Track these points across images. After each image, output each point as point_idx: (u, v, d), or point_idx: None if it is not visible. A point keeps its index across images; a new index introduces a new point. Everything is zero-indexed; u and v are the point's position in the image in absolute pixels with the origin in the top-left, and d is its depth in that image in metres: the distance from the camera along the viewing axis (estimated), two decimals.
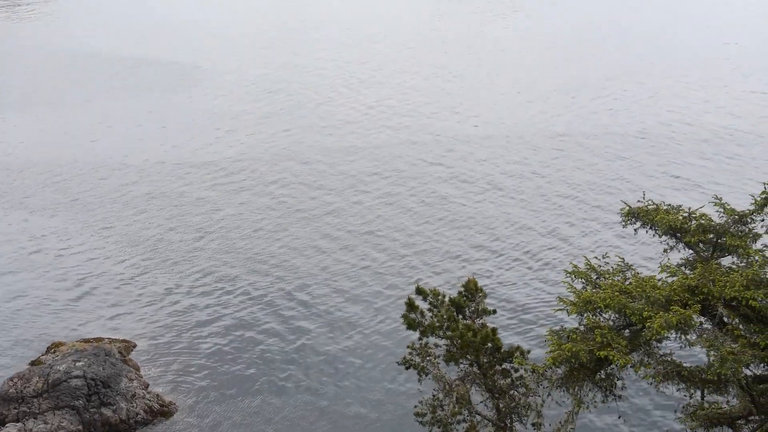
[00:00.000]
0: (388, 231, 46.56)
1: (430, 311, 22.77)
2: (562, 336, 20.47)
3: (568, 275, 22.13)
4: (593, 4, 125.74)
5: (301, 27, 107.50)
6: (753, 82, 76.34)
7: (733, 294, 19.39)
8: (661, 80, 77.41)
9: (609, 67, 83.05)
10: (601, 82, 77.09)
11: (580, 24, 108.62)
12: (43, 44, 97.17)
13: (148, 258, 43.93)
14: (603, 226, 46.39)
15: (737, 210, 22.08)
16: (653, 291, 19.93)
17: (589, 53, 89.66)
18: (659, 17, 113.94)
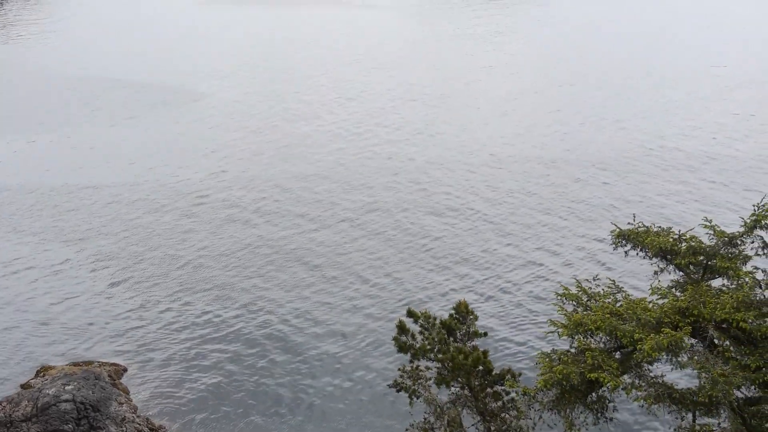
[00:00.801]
0: (374, 254, 46.49)
1: (421, 334, 22.75)
2: (554, 358, 20.48)
3: (559, 297, 22.17)
4: (578, 28, 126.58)
5: (284, 52, 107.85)
6: (740, 104, 76.82)
7: (723, 316, 19.44)
8: (649, 103, 77.82)
9: (595, 90, 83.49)
10: (588, 105, 77.46)
11: (565, 47, 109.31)
12: (27, 67, 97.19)
13: (136, 282, 43.78)
14: (593, 249, 46.43)
15: (727, 232, 22.17)
16: (644, 313, 19.97)
17: (575, 77, 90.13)
18: (646, 40, 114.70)
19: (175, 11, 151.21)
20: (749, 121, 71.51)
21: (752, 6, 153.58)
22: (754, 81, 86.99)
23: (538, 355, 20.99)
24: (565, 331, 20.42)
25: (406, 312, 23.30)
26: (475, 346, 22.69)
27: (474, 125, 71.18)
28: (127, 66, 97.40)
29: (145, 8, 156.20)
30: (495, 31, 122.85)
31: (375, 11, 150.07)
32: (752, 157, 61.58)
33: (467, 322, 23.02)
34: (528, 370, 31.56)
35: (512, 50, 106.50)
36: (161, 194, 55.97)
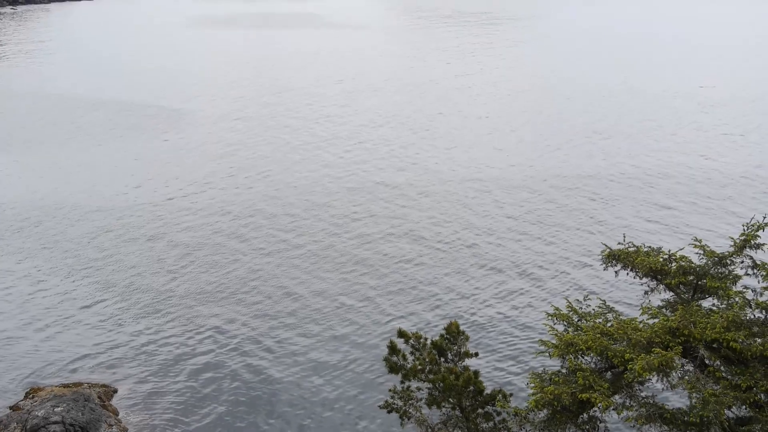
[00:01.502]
0: (359, 276, 46.44)
1: (412, 354, 22.70)
2: (545, 379, 20.46)
3: (550, 318, 22.18)
4: (564, 48, 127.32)
5: (267, 73, 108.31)
6: (729, 123, 77.27)
7: (714, 336, 19.45)
8: (637, 123, 78.24)
9: (582, 110, 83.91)
10: (575, 125, 77.84)
11: (551, 67, 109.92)
12: (9, 87, 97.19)
13: (125, 302, 43.62)
14: (584, 269, 46.49)
15: (717, 252, 22.23)
16: (635, 333, 19.98)
17: (561, 97, 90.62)
18: (633, 59, 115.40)
19: (159, 32, 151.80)
20: (739, 140, 71.93)
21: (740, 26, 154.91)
22: (742, 100, 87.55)
23: (530, 375, 20.96)
24: (556, 352, 20.41)
25: (396, 332, 23.26)
26: (466, 366, 22.65)
27: (458, 146, 71.39)
28: (111, 86, 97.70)
29: (128, 29, 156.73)
30: (480, 51, 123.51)
31: (359, 31, 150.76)
32: (742, 177, 61.87)
33: (458, 343, 22.98)
34: (519, 391, 31.51)
35: (497, 70, 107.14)
36: (146, 214, 55.91)
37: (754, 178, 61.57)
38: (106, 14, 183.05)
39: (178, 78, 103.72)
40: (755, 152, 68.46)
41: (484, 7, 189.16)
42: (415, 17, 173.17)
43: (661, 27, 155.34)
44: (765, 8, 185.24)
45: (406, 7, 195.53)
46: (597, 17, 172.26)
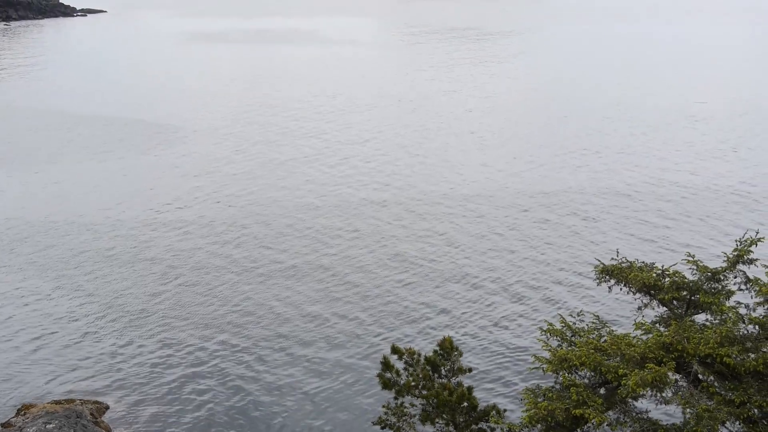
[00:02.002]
0: (353, 289, 46.37)
1: (405, 370, 22.68)
2: (538, 394, 20.45)
3: (544, 333, 22.19)
4: (558, 64, 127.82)
5: (263, 88, 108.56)
6: (722, 139, 77.54)
7: (707, 351, 19.48)
8: (630, 138, 78.50)
9: (575, 125, 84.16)
10: (568, 141, 78.05)
11: (545, 84, 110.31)
12: (10, 102, 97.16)
13: (116, 318, 43.47)
14: (577, 284, 46.50)
15: (710, 267, 22.28)
16: (628, 349, 19.99)
17: (555, 112, 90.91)
18: (626, 76, 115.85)
19: (152, 48, 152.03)
20: (731, 155, 72.17)
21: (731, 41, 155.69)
22: (734, 115, 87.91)
23: (523, 391, 20.96)
24: (550, 367, 20.41)
25: (390, 348, 23.24)
26: (460, 382, 22.64)
27: (446, 162, 71.49)
28: (102, 101, 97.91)
29: (121, 45, 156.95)
30: (471, 67, 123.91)
31: (350, 48, 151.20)
32: (734, 192, 62.04)
33: (452, 359, 22.97)
34: (513, 406, 31.44)
35: (487, 86, 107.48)
36: (135, 230, 55.83)
37: (747, 194, 61.74)
38: (100, 30, 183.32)
39: (169, 94, 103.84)
40: (747, 167, 68.70)
41: (475, 23, 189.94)
42: (406, 34, 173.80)
43: (651, 43, 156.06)
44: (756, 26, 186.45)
45: (396, 23, 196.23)
46: (588, 33, 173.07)
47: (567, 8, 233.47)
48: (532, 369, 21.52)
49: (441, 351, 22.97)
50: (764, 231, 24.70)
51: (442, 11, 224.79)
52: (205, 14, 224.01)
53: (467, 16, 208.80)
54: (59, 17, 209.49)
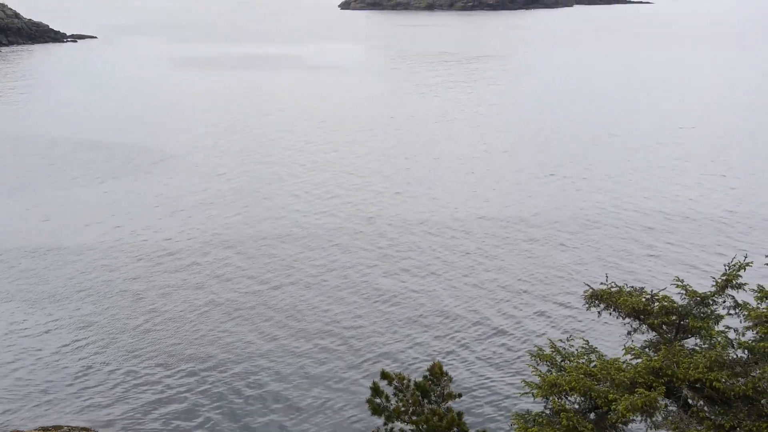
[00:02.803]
0: (341, 315, 46.27)
1: (395, 396, 22.59)
2: (528, 420, 20.38)
3: (533, 358, 22.14)
4: (544, 88, 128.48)
5: (250, 114, 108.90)
6: (710, 164, 77.92)
7: (697, 376, 19.46)
8: (617, 163, 78.80)
9: (562, 150, 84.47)
10: (555, 166, 78.30)
11: (531, 108, 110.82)
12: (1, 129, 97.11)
13: (103, 344, 43.24)
14: (567, 309, 46.50)
15: (699, 292, 22.32)
16: (618, 373, 19.96)
17: (541, 137, 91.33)
18: (613, 100, 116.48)
19: (142, 74, 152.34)
20: (719, 181, 72.49)
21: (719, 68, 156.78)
22: (723, 142, 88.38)
23: (513, 416, 20.89)
24: (540, 392, 20.35)
25: (379, 374, 23.16)
26: (450, 407, 22.55)
27: (438, 186, 71.57)
28: (92, 127, 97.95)
29: (111, 71, 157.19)
30: (461, 93, 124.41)
31: (340, 73, 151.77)
32: (722, 217, 62.27)
33: (441, 384, 22.89)
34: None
35: (476, 111, 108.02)
36: (123, 255, 55.64)
37: (734, 218, 61.99)
38: (89, 56, 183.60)
39: (157, 119, 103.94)
40: (735, 192, 68.99)
41: (466, 49, 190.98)
42: (397, 60, 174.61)
43: (636, 68, 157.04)
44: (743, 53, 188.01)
45: (387, 49, 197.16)
46: (573, 58, 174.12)
47: (552, 34, 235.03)
48: (521, 394, 21.45)
49: (431, 376, 22.89)
50: (752, 255, 24.78)
51: (430, 37, 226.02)
52: (195, 40, 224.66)
53: (453, 42, 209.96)
54: (49, 43, 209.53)
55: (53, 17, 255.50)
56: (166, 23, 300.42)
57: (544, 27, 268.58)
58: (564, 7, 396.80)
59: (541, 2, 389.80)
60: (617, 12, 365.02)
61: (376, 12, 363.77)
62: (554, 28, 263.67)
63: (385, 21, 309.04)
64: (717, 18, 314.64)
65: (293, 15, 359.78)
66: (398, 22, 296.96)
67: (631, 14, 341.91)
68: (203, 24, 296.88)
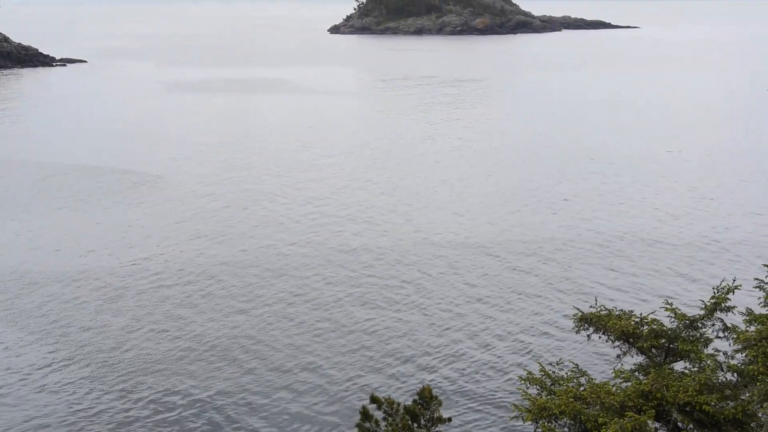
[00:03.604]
0: (323, 339, 46.17)
1: (384, 420, 22.53)
2: None
3: (523, 381, 22.13)
4: (530, 113, 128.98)
5: (248, 136, 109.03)
6: (697, 187, 78.21)
7: (686, 399, 19.49)
8: (605, 187, 79.01)
9: (549, 174, 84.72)
10: (543, 190, 78.48)
11: (518, 132, 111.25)
12: None
13: (86, 367, 43.00)
14: (556, 332, 46.51)
15: (688, 315, 22.39)
16: (608, 397, 19.97)
17: (528, 161, 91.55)
18: (601, 124, 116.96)
19: (132, 97, 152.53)
20: (707, 203, 72.76)
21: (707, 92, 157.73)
22: (711, 165, 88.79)
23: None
24: (529, 416, 20.33)
25: (369, 398, 23.11)
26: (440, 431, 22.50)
27: (418, 210, 71.52)
28: (81, 151, 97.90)
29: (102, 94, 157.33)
30: (447, 115, 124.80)
31: (329, 97, 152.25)
32: (710, 241, 62.48)
33: (431, 408, 22.86)
34: None
35: (464, 134, 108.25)
36: (109, 278, 55.41)
37: (723, 242, 62.20)
38: (79, 80, 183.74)
39: (146, 143, 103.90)
40: (723, 215, 69.27)
41: (453, 73, 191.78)
42: (384, 83, 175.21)
43: (622, 92, 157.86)
44: (731, 78, 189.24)
45: (375, 72, 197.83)
46: (560, 82, 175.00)
47: (539, 58, 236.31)
48: (511, 418, 21.41)
49: (420, 400, 22.86)
50: (740, 278, 24.86)
51: (418, 60, 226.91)
52: (184, 64, 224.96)
53: (441, 66, 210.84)
54: (38, 67, 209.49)
55: (43, 41, 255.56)
56: (156, 47, 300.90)
57: (531, 51, 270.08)
58: (552, 32, 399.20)
59: (529, 27, 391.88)
60: (604, 36, 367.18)
61: (366, 36, 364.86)
62: (541, 52, 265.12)
63: (374, 45, 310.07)
64: (704, 42, 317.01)
65: (283, 39, 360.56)
66: (387, 46, 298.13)
67: (618, 38, 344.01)
68: (193, 48, 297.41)
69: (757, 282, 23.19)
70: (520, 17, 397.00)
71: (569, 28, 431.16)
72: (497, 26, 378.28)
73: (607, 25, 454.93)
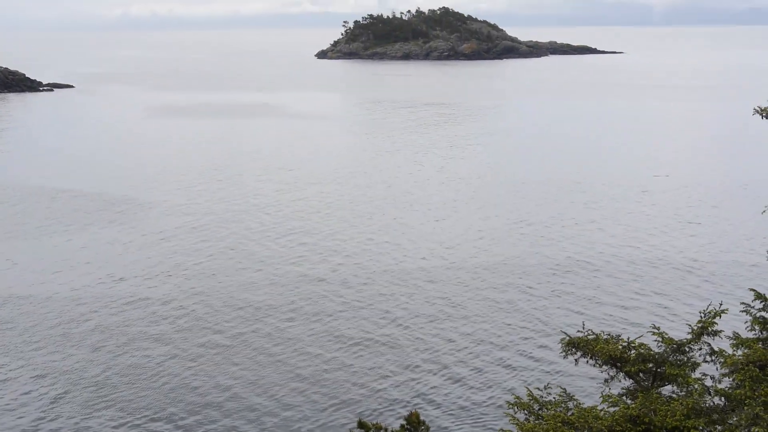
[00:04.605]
0: (312, 366, 45.98)
1: None
2: None
3: (511, 406, 22.09)
4: (520, 137, 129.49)
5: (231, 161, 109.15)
6: (685, 212, 78.51)
7: (674, 423, 19.46)
8: (592, 211, 79.18)
9: (535, 198, 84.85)
10: (527, 212, 78.64)
11: (504, 157, 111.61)
12: None
13: (56, 392, 42.67)
14: (544, 357, 46.45)
15: (675, 339, 22.42)
16: (595, 422, 19.93)
17: (513, 186, 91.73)
18: (586, 150, 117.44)
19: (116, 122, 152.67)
20: (693, 228, 73.00)
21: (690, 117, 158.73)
22: (698, 190, 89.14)
23: None
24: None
25: (357, 423, 22.99)
26: None
27: (405, 235, 71.38)
28: (66, 176, 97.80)
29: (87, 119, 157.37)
30: (431, 141, 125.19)
31: (313, 122, 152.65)
32: (697, 265, 62.62)
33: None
34: None
35: (450, 159, 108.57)
36: (88, 305, 54.96)
37: (710, 266, 62.36)
38: (66, 105, 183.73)
39: (130, 168, 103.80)
40: (710, 240, 69.46)
41: (439, 98, 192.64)
42: (369, 108, 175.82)
43: (609, 117, 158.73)
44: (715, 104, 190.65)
45: (361, 97, 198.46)
46: (550, 108, 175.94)
47: (525, 83, 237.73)
48: None
49: (408, 425, 22.74)
50: (726, 302, 24.93)
51: (404, 85, 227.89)
52: (172, 89, 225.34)
53: (427, 91, 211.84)
54: (25, 92, 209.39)
55: (30, 66, 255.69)
56: (143, 72, 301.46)
57: (517, 76, 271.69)
58: (538, 57, 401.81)
59: (515, 52, 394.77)
60: (590, 61, 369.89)
61: (353, 61, 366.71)
62: (527, 77, 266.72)
63: (362, 70, 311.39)
64: (689, 68, 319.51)
65: (270, 65, 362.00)
66: (374, 71, 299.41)
67: (604, 64, 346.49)
68: (180, 73, 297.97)
69: (743, 306, 23.28)
70: (506, 43, 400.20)
71: (555, 53, 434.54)
72: (484, 51, 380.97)
73: (592, 51, 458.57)
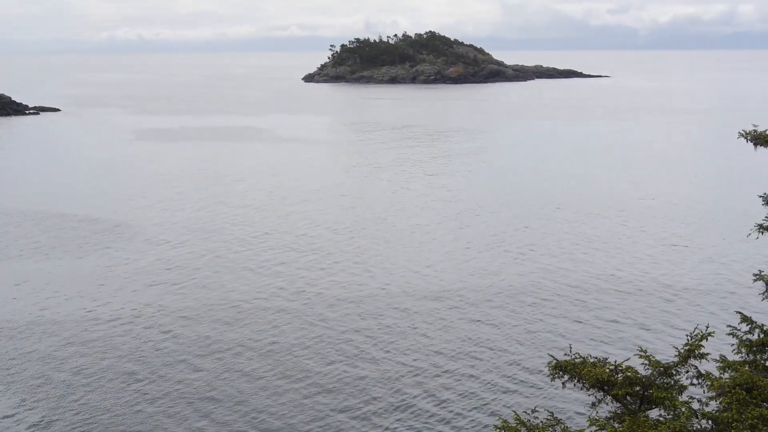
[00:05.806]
0: (299, 389, 45.80)
1: None
2: None
3: (498, 430, 21.99)
4: (507, 160, 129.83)
5: (218, 184, 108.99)
6: (672, 236, 78.75)
7: None
8: (579, 235, 79.29)
9: (521, 220, 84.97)
10: (513, 234, 78.73)
11: (491, 179, 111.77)
12: None
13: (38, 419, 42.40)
14: (530, 380, 46.36)
15: (662, 362, 22.40)
16: None
17: (501, 208, 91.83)
18: (574, 171, 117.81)
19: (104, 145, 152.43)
20: (680, 251, 73.19)
21: (677, 140, 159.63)
22: (684, 213, 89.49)
23: None
24: None
25: None
26: None
27: (389, 259, 71.23)
28: (47, 199, 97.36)
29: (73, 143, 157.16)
30: (418, 164, 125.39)
31: (299, 144, 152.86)
32: (684, 288, 62.76)
33: None
34: None
35: (436, 181, 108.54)
36: (69, 330, 54.65)
37: (696, 289, 62.49)
38: (53, 128, 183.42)
39: (115, 192, 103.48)
40: (696, 262, 69.66)
41: (424, 122, 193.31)
42: (354, 131, 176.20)
43: (598, 141, 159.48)
44: (701, 127, 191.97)
45: (346, 121, 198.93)
46: (535, 131, 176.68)
47: (511, 107, 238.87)
48: None
49: None
50: (713, 325, 24.95)
51: (390, 109, 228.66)
52: (159, 112, 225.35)
53: (412, 115, 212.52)
54: (11, 115, 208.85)
55: (16, 89, 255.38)
56: (130, 95, 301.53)
57: (503, 100, 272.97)
58: (524, 81, 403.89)
59: (501, 76, 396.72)
60: (576, 85, 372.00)
61: (340, 85, 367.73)
62: (513, 100, 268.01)
63: (348, 93, 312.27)
64: (674, 91, 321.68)
65: (257, 88, 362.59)
66: (361, 95, 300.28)
67: (590, 87, 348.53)
68: (167, 96, 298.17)
69: (730, 329, 23.30)
70: (492, 66, 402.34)
71: (541, 77, 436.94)
72: (470, 75, 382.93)
73: (578, 74, 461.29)
